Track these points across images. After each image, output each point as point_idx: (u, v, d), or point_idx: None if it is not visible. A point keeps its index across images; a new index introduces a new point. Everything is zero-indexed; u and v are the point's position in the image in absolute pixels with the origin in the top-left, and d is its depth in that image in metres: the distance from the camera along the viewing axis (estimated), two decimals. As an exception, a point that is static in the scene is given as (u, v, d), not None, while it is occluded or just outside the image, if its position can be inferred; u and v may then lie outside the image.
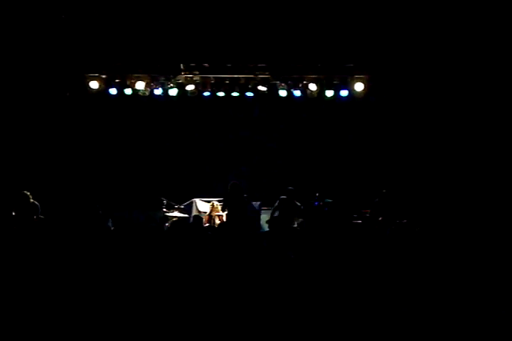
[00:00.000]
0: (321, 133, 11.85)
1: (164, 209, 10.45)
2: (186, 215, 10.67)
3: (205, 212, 10.74)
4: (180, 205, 10.82)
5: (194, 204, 11.23)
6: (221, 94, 11.21)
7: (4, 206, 9.38)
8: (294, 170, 11.73)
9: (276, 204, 10.11)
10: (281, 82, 10.87)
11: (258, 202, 10.99)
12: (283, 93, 11.03)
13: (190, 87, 11.05)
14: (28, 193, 9.53)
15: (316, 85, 10.86)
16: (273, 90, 11.04)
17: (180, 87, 11.01)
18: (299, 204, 10.07)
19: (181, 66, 10.83)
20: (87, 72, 10.69)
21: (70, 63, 10.48)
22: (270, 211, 10.26)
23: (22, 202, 9.43)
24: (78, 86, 10.86)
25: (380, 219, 9.32)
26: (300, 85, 10.91)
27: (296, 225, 9.74)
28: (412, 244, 5.33)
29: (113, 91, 10.99)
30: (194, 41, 10.22)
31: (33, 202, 9.53)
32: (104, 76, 10.80)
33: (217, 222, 10.24)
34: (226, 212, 10.10)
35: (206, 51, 10.54)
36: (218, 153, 11.94)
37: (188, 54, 10.59)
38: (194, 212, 10.99)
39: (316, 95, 10.99)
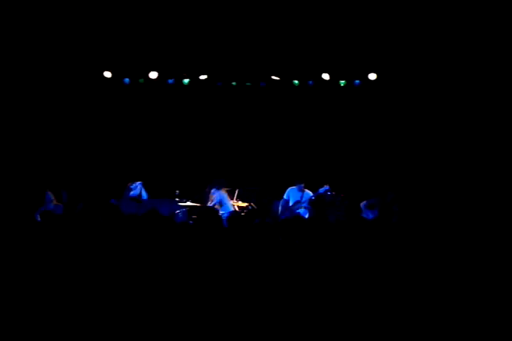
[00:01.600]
0: (335, 122, 11.75)
1: (177, 199, 10.58)
2: (199, 204, 10.74)
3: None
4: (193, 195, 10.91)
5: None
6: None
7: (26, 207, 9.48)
8: (307, 160, 11.67)
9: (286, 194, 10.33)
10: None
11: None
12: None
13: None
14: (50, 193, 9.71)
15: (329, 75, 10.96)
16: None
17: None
18: (310, 193, 10.22)
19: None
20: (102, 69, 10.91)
21: (85, 61, 10.64)
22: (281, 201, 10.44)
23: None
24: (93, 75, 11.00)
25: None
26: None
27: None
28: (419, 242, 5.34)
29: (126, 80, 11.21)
30: (200, 52, 10.43)
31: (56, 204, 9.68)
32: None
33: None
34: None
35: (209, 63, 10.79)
36: (231, 142, 11.87)
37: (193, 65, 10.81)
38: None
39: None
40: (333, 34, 10.17)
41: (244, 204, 10.41)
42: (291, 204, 10.31)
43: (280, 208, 10.42)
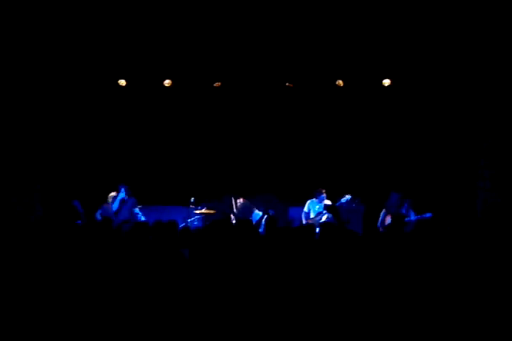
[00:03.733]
0: (352, 127, 11.58)
1: (192, 206, 10.57)
2: (214, 211, 10.72)
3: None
4: (208, 202, 10.91)
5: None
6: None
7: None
8: (322, 165, 11.53)
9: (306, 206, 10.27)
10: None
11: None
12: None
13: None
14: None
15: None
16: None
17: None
18: (329, 202, 10.05)
19: None
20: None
21: (100, 68, 10.65)
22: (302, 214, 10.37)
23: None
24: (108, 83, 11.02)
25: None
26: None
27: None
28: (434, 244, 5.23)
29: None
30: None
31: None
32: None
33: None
34: None
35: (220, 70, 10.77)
36: (245, 149, 11.78)
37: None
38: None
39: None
40: (346, 39, 10.07)
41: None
42: (312, 216, 10.12)
43: (304, 221, 10.21)
